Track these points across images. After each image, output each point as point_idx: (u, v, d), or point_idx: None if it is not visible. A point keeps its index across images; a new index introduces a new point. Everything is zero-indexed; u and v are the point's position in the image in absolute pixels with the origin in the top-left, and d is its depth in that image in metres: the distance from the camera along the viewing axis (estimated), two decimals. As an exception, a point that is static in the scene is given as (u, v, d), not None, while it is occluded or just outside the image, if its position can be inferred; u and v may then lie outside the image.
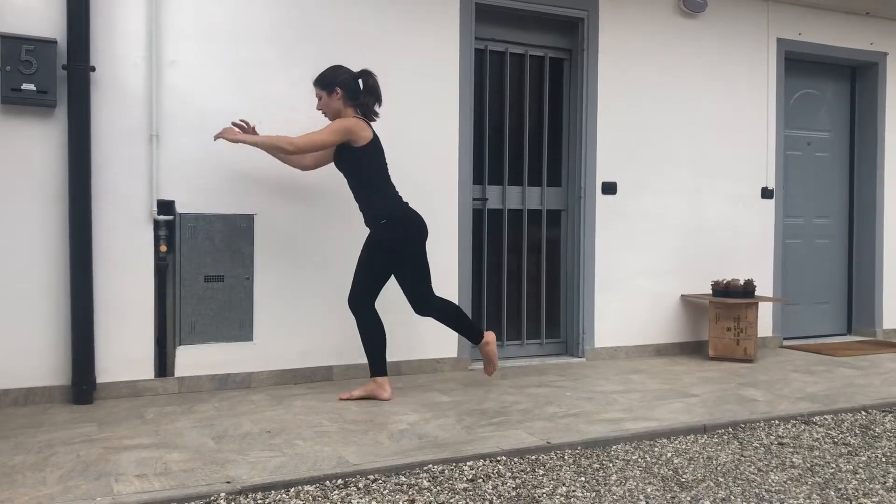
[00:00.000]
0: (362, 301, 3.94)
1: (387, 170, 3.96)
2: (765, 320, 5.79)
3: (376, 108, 3.97)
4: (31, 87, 3.71)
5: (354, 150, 3.84)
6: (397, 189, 4.06)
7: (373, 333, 3.94)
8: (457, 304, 4.37)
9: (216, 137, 3.83)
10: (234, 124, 3.92)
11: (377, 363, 3.96)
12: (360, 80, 3.94)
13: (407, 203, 4.00)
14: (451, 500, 2.66)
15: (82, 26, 3.79)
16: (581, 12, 5.12)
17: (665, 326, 5.47)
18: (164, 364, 4.10)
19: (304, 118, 4.34)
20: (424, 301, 3.96)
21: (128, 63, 3.98)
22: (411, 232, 3.90)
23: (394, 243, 3.88)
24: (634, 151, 5.33)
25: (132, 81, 3.99)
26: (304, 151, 3.77)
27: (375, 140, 3.89)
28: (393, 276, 4.10)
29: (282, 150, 3.77)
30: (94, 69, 3.86)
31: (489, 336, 4.15)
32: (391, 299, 4.43)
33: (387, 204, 3.91)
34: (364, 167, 3.87)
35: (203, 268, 4.17)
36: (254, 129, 3.98)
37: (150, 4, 4.00)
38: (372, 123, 3.95)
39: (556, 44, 5.23)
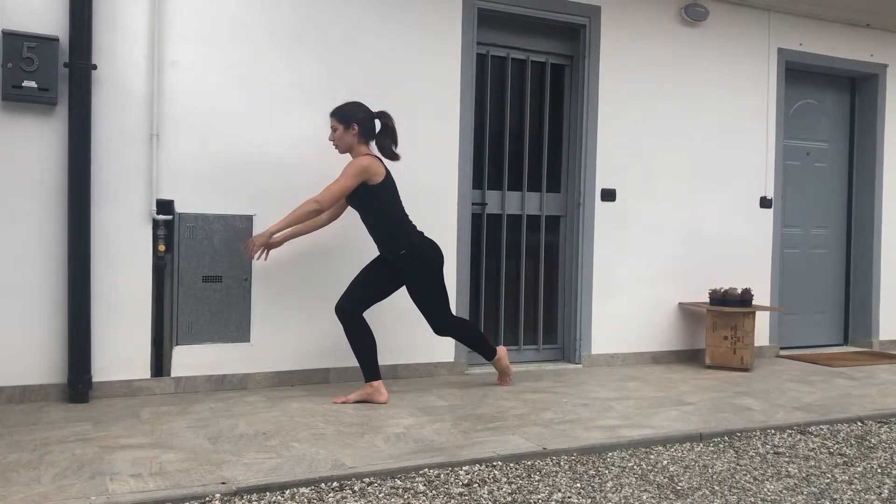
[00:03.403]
0: (353, 310, 3.97)
1: (401, 202, 4.04)
2: (762, 329, 5.79)
3: (394, 149, 4.03)
4: (33, 84, 3.71)
5: (369, 189, 3.91)
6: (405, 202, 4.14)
7: (363, 339, 3.97)
8: (472, 322, 4.33)
9: (253, 258, 4.01)
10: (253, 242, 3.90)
11: (371, 368, 3.97)
12: (377, 121, 4.01)
13: (422, 232, 4.10)
14: (447, 505, 2.66)
15: (84, 24, 3.80)
16: (583, 19, 5.14)
17: (662, 334, 5.47)
18: (160, 364, 4.10)
19: (304, 119, 4.35)
20: (444, 323, 4.10)
21: (129, 62, 3.99)
22: (430, 258, 4.01)
23: (414, 273, 4.00)
24: (634, 158, 5.34)
25: (133, 80, 3.99)
26: (331, 203, 3.82)
27: (389, 176, 3.97)
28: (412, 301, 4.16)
29: (311, 213, 3.81)
30: (95, 67, 3.86)
31: (501, 351, 4.41)
32: (389, 301, 4.43)
33: (404, 236, 3.99)
34: (378, 204, 3.95)
35: (201, 268, 4.17)
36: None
37: (153, 4, 4.01)
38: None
39: (558, 50, 5.24)
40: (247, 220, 4.25)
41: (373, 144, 4.07)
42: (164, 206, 4.07)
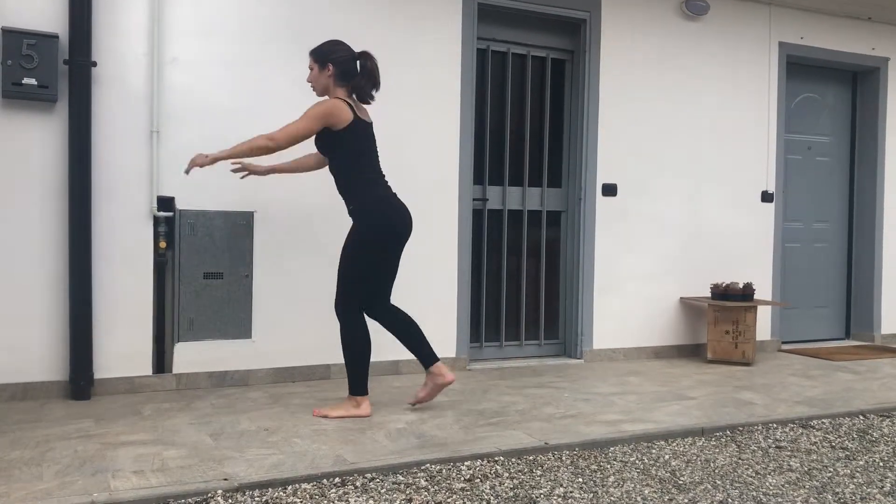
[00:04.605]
0: (347, 304, 3.63)
1: (369, 155, 3.63)
2: (763, 324, 5.79)
3: (373, 93, 3.70)
4: (33, 81, 3.70)
5: (333, 134, 3.56)
6: (389, 181, 3.81)
7: (356, 343, 3.62)
8: (415, 325, 3.72)
9: (187, 171, 3.57)
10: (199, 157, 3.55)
11: (358, 380, 3.64)
12: (357, 62, 3.68)
13: (392, 194, 3.67)
14: (449, 500, 2.66)
15: (84, 21, 3.79)
16: (583, 13, 5.12)
17: (664, 329, 5.47)
18: (162, 361, 4.10)
19: (306, 116, 4.34)
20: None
21: (129, 59, 3.98)
22: (382, 221, 3.56)
23: (350, 234, 3.60)
24: (635, 153, 5.33)
25: (133, 77, 3.99)
26: (285, 145, 3.46)
27: (357, 123, 3.56)
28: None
29: (262, 150, 3.46)
30: (95, 64, 3.85)
31: (438, 368, 3.71)
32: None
33: (358, 192, 3.58)
34: (341, 152, 3.58)
35: (202, 265, 4.16)
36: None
37: (153, 1, 4.00)
38: (366, 107, 3.72)
39: (558, 44, 5.23)
40: (247, 216, 4.24)
41: None
42: (165, 202, 4.07)
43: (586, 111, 5.16)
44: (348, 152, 3.58)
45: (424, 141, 4.67)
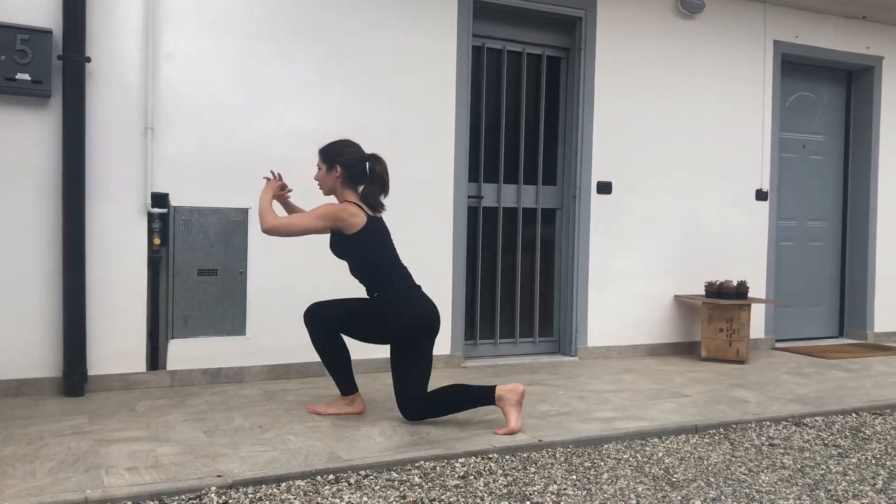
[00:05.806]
0: (318, 318, 3.57)
1: (388, 251, 3.55)
2: (757, 322, 5.80)
3: (382, 199, 3.56)
4: (26, 76, 3.69)
5: (345, 238, 3.49)
6: (403, 261, 3.65)
7: (329, 351, 3.59)
8: (453, 385, 3.54)
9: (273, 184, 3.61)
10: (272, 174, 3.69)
11: (341, 381, 3.62)
12: (367, 164, 3.55)
13: (416, 286, 3.56)
14: (443, 497, 2.66)
15: (78, 16, 3.78)
16: (579, 11, 5.12)
17: (658, 327, 5.47)
18: (156, 357, 4.09)
19: (299, 112, 4.33)
20: (410, 404, 3.45)
21: (124, 55, 3.97)
22: (404, 316, 3.45)
23: (384, 323, 3.48)
24: (630, 151, 5.34)
25: (128, 73, 3.98)
26: (277, 234, 3.42)
27: (370, 225, 3.47)
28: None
29: (261, 222, 3.43)
30: (89, 60, 3.84)
31: (502, 390, 3.39)
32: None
33: (384, 286, 3.51)
34: (358, 253, 3.51)
35: (196, 261, 4.16)
36: (280, 177, 3.70)
37: (147, -4, 4.00)
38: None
39: (554, 42, 5.23)
40: (242, 213, 4.24)
41: None
42: (159, 199, 4.06)
43: (581, 109, 5.16)
44: (365, 253, 3.51)
45: (419, 138, 4.67)
